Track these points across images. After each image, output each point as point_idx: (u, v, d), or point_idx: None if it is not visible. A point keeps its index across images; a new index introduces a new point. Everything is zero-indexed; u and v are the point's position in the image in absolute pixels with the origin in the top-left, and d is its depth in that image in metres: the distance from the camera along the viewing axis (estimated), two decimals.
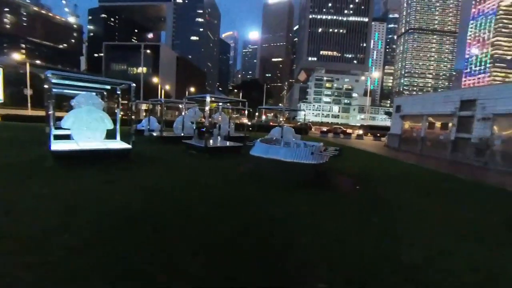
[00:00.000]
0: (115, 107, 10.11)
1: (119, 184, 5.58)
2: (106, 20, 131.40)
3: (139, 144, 12.77)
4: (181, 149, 11.54)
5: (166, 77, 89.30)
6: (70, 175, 6.07)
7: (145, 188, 5.44)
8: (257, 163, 7.18)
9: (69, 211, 3.98)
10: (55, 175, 5.97)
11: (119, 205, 4.37)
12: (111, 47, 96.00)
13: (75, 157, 7.18)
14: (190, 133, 14.15)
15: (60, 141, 8.54)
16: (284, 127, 13.03)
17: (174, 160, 9.03)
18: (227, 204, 4.78)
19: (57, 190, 4.91)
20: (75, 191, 4.91)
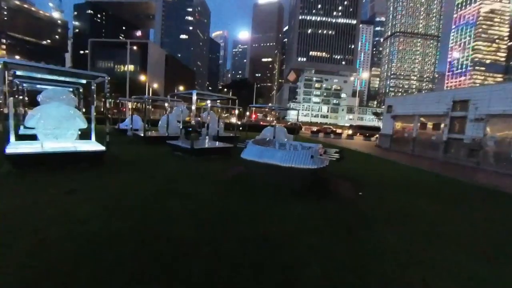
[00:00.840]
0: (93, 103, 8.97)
1: (80, 195, 4.59)
2: (93, 16, 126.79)
3: (118, 145, 11.67)
4: (165, 150, 10.54)
5: (154, 76, 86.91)
6: (22, 184, 5.01)
7: (112, 199, 4.49)
8: (248, 167, 6.34)
9: (4, 235, 3.00)
10: (4, 185, 4.91)
11: (71, 226, 3.41)
12: (97, 44, 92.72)
13: (35, 162, 6.08)
14: (176, 133, 13.12)
15: (23, 142, 7.39)
16: (277, 127, 12.24)
17: (154, 164, 8.04)
18: (210, 221, 3.90)
19: (4, 205, 3.90)
20: (20, 206, 3.90)
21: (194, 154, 9.10)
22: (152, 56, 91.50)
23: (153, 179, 6.08)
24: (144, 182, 5.79)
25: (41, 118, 7.47)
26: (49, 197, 4.36)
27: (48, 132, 7.53)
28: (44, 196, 4.38)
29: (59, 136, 7.64)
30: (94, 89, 8.53)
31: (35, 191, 4.64)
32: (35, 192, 4.59)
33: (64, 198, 4.40)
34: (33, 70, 6.82)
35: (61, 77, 8.89)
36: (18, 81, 9.72)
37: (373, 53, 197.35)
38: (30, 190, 4.65)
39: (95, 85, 8.51)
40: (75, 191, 4.74)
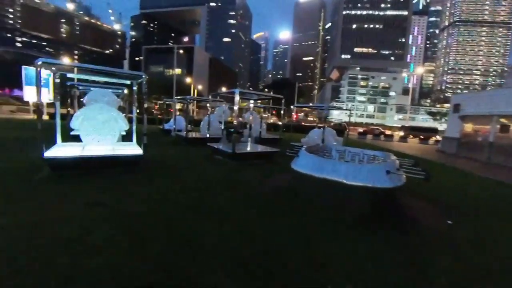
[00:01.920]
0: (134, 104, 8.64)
1: (104, 211, 3.87)
2: (146, 26, 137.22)
3: (160, 146, 11.36)
4: (206, 153, 9.82)
5: (199, 78, 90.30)
6: (50, 193, 4.52)
7: (135, 218, 3.67)
8: (295, 176, 5.12)
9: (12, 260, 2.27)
10: (31, 193, 4.45)
11: (77, 259, 2.58)
12: (149, 51, 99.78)
13: (72, 166, 5.69)
14: (217, 134, 12.46)
15: (67, 144, 7.22)
16: (326, 128, 10.77)
17: (192, 169, 7.26)
18: (243, 256, 2.79)
19: (16, 220, 3.31)
20: (33, 223, 3.26)
21: (236, 159, 8.15)
22: (197, 59, 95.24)
23: (187, 190, 5.22)
24: (175, 194, 4.95)
25: (84, 120, 7.24)
26: (71, 211, 3.72)
27: (90, 134, 7.28)
28: (66, 209, 3.76)
29: (100, 138, 7.34)
30: (135, 89, 8.12)
31: (60, 202, 4.07)
32: (60, 203, 4.01)
33: (86, 213, 3.72)
34: (69, 69, 6.51)
35: (106, 78, 8.77)
36: (71, 83, 9.88)
37: (427, 46, 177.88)
38: (55, 201, 4.09)
39: (137, 86, 8.09)
40: (100, 204, 4.06)
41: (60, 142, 7.35)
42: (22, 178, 5.23)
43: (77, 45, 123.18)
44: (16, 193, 4.38)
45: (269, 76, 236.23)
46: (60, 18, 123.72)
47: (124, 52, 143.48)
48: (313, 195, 4.63)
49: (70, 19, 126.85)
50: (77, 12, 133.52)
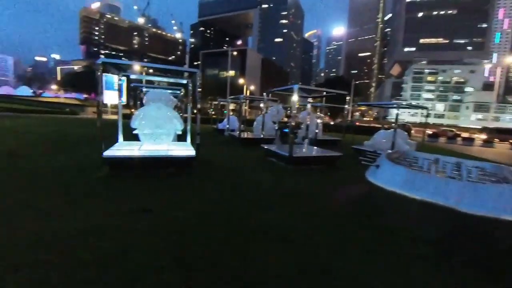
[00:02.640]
0: (188, 103, 8.53)
1: (151, 219, 3.46)
2: (203, 32, 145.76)
3: (213, 146, 11.18)
4: (259, 154, 9.19)
5: (251, 79, 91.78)
6: (104, 194, 4.37)
7: (178, 234, 3.11)
8: (371, 190, 4.01)
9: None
10: (84, 194, 4.34)
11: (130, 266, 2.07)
12: (206, 55, 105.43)
13: (127, 166, 5.63)
14: (271, 135, 11.77)
15: (128, 143, 7.36)
16: (398, 130, 9.12)
17: (244, 173, 6.63)
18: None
19: (57, 227, 3.07)
20: (82, 230, 2.96)
21: (292, 163, 7.28)
22: (249, 61, 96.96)
23: (239, 200, 4.57)
24: (226, 204, 4.35)
25: (142, 119, 7.28)
26: (117, 218, 3.40)
27: (147, 134, 7.29)
28: (110, 216, 3.45)
29: (156, 137, 7.30)
30: (190, 89, 7.93)
31: (108, 206, 3.82)
32: (107, 208, 3.75)
33: (132, 221, 3.35)
34: (124, 66, 6.45)
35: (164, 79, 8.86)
36: (134, 85, 10.35)
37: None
38: (103, 205, 3.86)
39: (191, 85, 7.88)
40: (147, 212, 3.68)
41: (121, 140, 7.57)
42: (83, 176, 5.31)
43: (146, 54, 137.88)
44: (71, 193, 4.32)
45: (321, 75, 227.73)
46: (133, 31, 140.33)
47: (185, 58, 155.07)
48: (402, 220, 3.47)
49: (141, 31, 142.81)
50: (146, 25, 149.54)
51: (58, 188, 4.57)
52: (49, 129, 13.99)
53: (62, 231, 3.01)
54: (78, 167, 6.07)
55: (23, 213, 3.45)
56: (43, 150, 8.16)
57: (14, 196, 4.01)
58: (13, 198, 3.94)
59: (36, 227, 3.07)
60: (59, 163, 6.42)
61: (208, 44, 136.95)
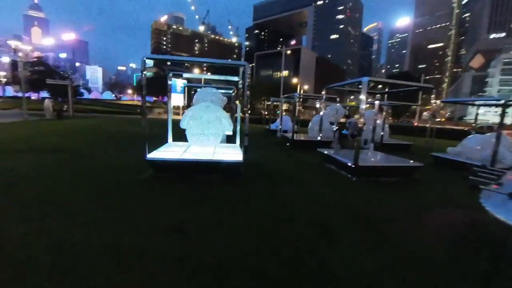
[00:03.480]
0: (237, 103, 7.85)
1: (185, 239, 2.71)
2: (258, 35, 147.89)
3: (264, 148, 10.28)
4: (315, 160, 7.95)
5: (305, 78, 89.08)
6: (141, 201, 3.87)
7: (220, 258, 2.23)
8: (483, 222, 2.50)
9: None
10: (120, 199, 3.88)
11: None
12: (260, 57, 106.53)
13: (170, 169, 5.17)
14: (328, 137, 10.36)
15: (176, 144, 7.02)
16: (500, 134, 6.82)
17: (299, 185, 5.49)
18: None
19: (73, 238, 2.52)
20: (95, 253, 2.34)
21: (357, 174, 5.88)
22: (304, 60, 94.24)
23: (293, 225, 3.53)
24: (276, 228, 3.36)
25: (190, 119, 6.84)
26: (142, 238, 2.72)
27: (195, 134, 6.83)
28: (138, 234, 2.80)
29: (204, 138, 6.77)
30: (240, 85, 7.20)
31: (136, 219, 3.22)
32: (136, 221, 3.16)
33: (159, 244, 2.63)
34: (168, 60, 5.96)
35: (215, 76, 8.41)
36: (186, 85, 10.20)
37: None
38: (131, 217, 3.28)
39: (242, 84, 7.15)
40: (179, 232, 2.96)
41: (171, 141, 7.29)
42: (127, 178, 5.02)
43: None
44: (108, 198, 3.91)
45: (381, 71, 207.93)
46: (195, 39, 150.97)
47: (240, 60, 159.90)
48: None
49: (201, 38, 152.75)
50: (206, 32, 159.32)
51: (97, 188, 4.27)
52: (116, 128, 15.15)
53: (74, 245, 2.45)
54: (127, 166, 5.90)
55: (49, 216, 3.08)
56: (98, 149, 8.46)
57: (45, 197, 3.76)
58: (44, 199, 3.69)
59: (54, 237, 2.59)
60: (110, 161, 6.41)
61: (262, 46, 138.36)
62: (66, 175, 5.03)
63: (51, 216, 3.23)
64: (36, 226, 2.94)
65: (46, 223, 3.04)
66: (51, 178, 4.80)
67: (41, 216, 3.21)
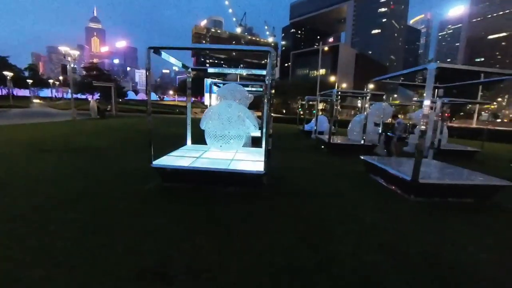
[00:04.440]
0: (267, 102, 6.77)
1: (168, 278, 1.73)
2: (294, 34, 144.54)
3: (295, 152, 8.94)
4: (357, 171, 6.50)
5: (344, 76, 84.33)
6: (140, 222, 2.98)
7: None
8: None
9: None
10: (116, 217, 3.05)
11: None
12: (296, 56, 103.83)
13: (181, 178, 4.30)
14: (371, 141, 8.71)
15: (195, 147, 6.19)
16: None
17: (337, 206, 4.17)
18: None
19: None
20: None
21: (416, 193, 4.37)
22: (342, 57, 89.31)
23: (331, 276, 2.33)
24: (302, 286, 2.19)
25: (210, 119, 5.94)
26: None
27: (214, 137, 5.91)
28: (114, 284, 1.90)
29: (224, 141, 5.82)
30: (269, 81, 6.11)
31: (111, 259, 2.33)
32: (109, 262, 2.26)
33: None
34: (178, 49, 5.03)
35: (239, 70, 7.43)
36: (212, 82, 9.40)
37: None
38: (109, 251, 2.40)
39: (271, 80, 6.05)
40: (163, 277, 1.99)
41: (189, 143, 6.51)
42: (131, 187, 4.28)
43: (242, 60, 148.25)
44: (95, 216, 3.12)
45: None
46: (232, 40, 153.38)
47: (276, 60, 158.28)
48: None
49: (238, 40, 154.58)
50: (243, 33, 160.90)
51: (90, 201, 3.54)
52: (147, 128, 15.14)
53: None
54: (138, 171, 5.23)
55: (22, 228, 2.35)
56: (122, 148, 8.06)
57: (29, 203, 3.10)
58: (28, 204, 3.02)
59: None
60: (125, 164, 5.82)
61: (299, 45, 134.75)
62: (67, 180, 4.48)
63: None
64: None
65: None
66: (48, 182, 4.27)
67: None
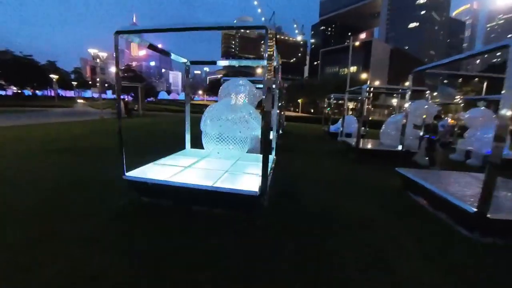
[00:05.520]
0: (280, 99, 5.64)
1: None
2: (324, 31, 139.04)
3: (313, 159, 7.40)
4: (392, 186, 5.04)
5: (377, 73, 78.88)
6: (62, 268, 2.05)
7: None
8: None
9: None
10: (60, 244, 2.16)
11: None
12: (325, 53, 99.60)
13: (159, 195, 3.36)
14: (410, 146, 7.05)
15: (194, 152, 5.25)
16: None
17: (363, 248, 2.90)
18: None
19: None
20: None
21: (485, 231, 2.91)
22: (375, 54, 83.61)
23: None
24: None
25: (208, 119, 4.95)
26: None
27: (210, 141, 4.89)
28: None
29: (222, 147, 4.78)
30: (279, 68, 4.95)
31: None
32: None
33: None
34: (145, 32, 3.89)
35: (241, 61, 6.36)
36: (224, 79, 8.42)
37: None
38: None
39: (279, 66, 4.89)
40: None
41: (188, 147, 5.59)
42: (105, 201, 3.43)
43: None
44: (42, 244, 2.25)
45: (475, 62, 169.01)
46: (261, 40, 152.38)
47: (305, 59, 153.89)
48: None
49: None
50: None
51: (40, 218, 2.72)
52: (171, 128, 14.74)
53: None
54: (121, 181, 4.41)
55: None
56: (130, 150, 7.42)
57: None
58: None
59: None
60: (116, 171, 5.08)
61: (329, 42, 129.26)
62: (32, 186, 3.77)
63: None
64: None
65: None
66: (17, 189, 3.57)
67: None
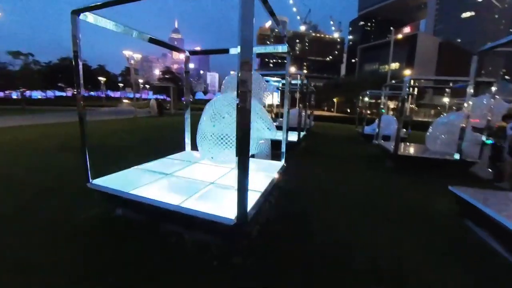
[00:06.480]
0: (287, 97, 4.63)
1: None
2: (363, 27, 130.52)
3: (339, 167, 6.29)
4: (443, 210, 3.71)
5: (423, 69, 71.32)
6: None
7: None
8: None
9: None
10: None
11: None
12: (364, 50, 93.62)
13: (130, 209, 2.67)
14: (468, 154, 5.43)
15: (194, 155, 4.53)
16: None
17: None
18: None
19: None
20: None
21: None
22: (421, 48, 75.72)
23: None
24: None
25: (204, 115, 4.15)
26: None
27: (203, 144, 4.05)
28: None
29: (219, 151, 3.92)
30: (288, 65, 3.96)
31: None
32: None
33: None
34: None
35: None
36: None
37: None
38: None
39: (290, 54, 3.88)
40: None
41: (189, 149, 4.89)
42: (68, 211, 2.84)
43: (306, 58, 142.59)
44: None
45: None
46: (296, 39, 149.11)
47: (342, 56, 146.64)
48: None
49: (302, 38, 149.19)
50: (307, 31, 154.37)
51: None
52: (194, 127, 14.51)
53: None
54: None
55: None
56: (136, 149, 7.06)
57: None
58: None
59: None
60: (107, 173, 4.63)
61: (368, 38, 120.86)
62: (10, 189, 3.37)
63: None
64: None
65: None
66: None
67: None
